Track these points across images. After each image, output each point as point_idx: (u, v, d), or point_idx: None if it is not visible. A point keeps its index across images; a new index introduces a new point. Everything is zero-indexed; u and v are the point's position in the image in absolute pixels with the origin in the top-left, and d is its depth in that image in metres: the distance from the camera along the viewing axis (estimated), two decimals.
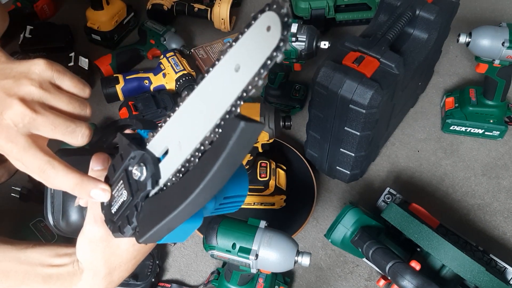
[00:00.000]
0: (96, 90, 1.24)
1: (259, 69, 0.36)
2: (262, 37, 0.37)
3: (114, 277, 0.53)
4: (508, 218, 1.03)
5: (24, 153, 0.45)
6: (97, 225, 0.50)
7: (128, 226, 0.45)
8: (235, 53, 0.39)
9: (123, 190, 0.47)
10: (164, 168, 0.44)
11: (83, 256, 0.52)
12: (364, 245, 0.84)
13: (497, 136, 1.13)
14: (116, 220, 0.47)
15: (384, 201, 1.00)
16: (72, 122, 0.46)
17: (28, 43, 1.26)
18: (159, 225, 0.42)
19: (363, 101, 0.87)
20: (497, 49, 0.98)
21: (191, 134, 0.41)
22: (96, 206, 0.50)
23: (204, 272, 0.97)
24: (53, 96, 0.46)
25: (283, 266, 0.73)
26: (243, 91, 0.37)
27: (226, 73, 0.40)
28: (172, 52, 1.21)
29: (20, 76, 0.46)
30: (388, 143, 1.15)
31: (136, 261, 0.54)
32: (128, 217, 0.46)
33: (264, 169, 0.99)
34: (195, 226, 0.47)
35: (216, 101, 0.40)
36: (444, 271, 0.83)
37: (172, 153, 0.44)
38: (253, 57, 0.37)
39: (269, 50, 0.36)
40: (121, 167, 0.47)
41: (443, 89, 1.25)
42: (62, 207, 0.56)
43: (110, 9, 1.29)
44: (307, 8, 1.30)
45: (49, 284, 0.54)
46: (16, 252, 0.56)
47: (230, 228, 0.75)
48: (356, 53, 0.91)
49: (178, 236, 0.46)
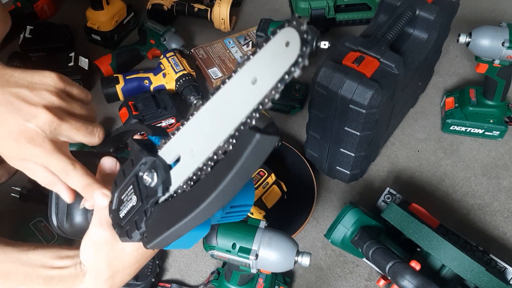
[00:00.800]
0: (96, 90, 1.24)
1: (277, 83, 0.37)
2: (281, 52, 0.37)
3: (116, 281, 0.53)
4: (508, 218, 1.03)
5: (50, 156, 0.50)
6: (102, 228, 0.50)
7: (136, 231, 0.45)
8: (253, 66, 0.39)
9: (132, 195, 0.47)
10: (175, 175, 0.44)
11: (87, 258, 0.52)
12: (364, 245, 0.84)
13: (497, 136, 1.13)
14: (124, 225, 0.47)
15: (384, 201, 1.00)
16: (89, 124, 0.53)
17: (28, 43, 1.26)
18: (167, 232, 0.42)
19: (363, 101, 0.87)
20: (497, 49, 0.98)
21: (204, 143, 0.41)
22: (102, 209, 0.50)
23: (204, 272, 0.97)
24: (69, 104, 0.52)
25: (283, 266, 0.73)
26: (259, 104, 0.38)
27: (242, 85, 0.40)
28: (172, 52, 1.21)
29: (36, 87, 0.51)
30: (388, 143, 1.15)
31: (139, 265, 0.54)
32: (137, 222, 0.46)
33: (258, 178, 0.97)
34: (203, 234, 0.47)
35: (232, 112, 0.40)
36: (444, 271, 0.83)
37: (184, 160, 0.44)
38: (271, 71, 0.37)
39: (288, 65, 0.36)
40: (132, 172, 0.47)
41: (443, 89, 1.25)
42: (66, 209, 0.56)
43: (110, 9, 1.29)
44: (307, 8, 1.30)
45: (50, 285, 0.54)
46: (18, 254, 0.56)
47: (230, 228, 0.75)
48: (356, 53, 0.91)
49: (184, 243, 0.46)
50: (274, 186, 0.99)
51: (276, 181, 1.00)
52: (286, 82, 0.37)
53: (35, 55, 1.26)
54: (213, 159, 0.40)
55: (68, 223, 0.56)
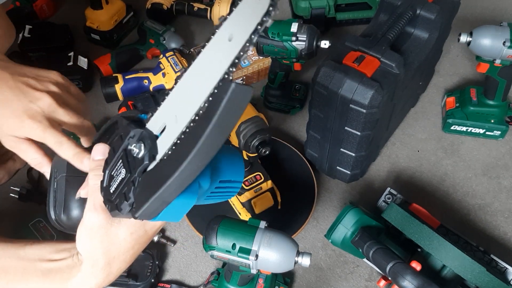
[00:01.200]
0: (96, 89, 1.24)
1: (251, 35, 0.39)
2: (254, 5, 0.40)
3: (113, 269, 0.53)
4: (509, 218, 1.03)
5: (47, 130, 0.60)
6: (96, 212, 0.51)
7: (125, 202, 0.45)
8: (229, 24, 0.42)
9: (121, 169, 0.47)
10: (161, 143, 0.44)
11: (82, 246, 0.53)
12: (364, 246, 0.84)
13: (498, 136, 1.13)
14: (114, 199, 0.47)
15: (385, 201, 1.00)
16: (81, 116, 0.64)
17: (27, 43, 1.25)
18: (154, 196, 0.41)
19: (364, 101, 0.86)
20: (498, 48, 0.97)
21: (186, 106, 0.42)
22: (96, 193, 0.51)
23: (204, 273, 0.97)
24: (68, 96, 0.64)
25: (283, 267, 0.73)
26: (235, 58, 0.40)
27: (220, 45, 0.42)
28: (172, 51, 1.21)
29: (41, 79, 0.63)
30: (389, 143, 1.14)
31: (134, 252, 0.54)
32: (125, 193, 0.45)
33: (253, 181, 0.96)
34: (190, 202, 0.47)
35: (210, 71, 0.41)
36: (444, 272, 0.83)
37: (168, 128, 0.44)
38: (246, 25, 0.40)
39: (260, 16, 0.38)
40: (121, 148, 0.48)
41: (444, 88, 1.24)
42: (64, 201, 0.57)
43: (109, 9, 1.28)
44: (307, 8, 1.30)
45: (48, 278, 0.54)
46: (15, 250, 0.56)
47: (230, 228, 0.74)
48: (356, 53, 0.91)
49: (173, 214, 0.46)
50: (267, 193, 0.98)
51: (272, 189, 0.99)
52: (259, 32, 0.39)
53: (34, 54, 1.26)
54: (195, 120, 0.40)
55: (65, 215, 0.57)
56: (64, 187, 0.58)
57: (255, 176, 0.96)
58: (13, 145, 0.62)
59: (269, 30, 1.01)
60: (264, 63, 1.23)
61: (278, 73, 1.12)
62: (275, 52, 1.04)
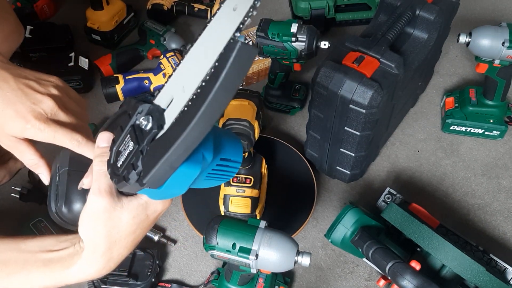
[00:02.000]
0: (96, 90, 1.24)
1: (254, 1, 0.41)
2: None
3: (114, 254, 0.54)
4: (508, 218, 1.03)
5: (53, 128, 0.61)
6: (101, 195, 0.51)
7: (133, 172, 0.45)
8: None
9: (129, 143, 0.47)
10: (168, 114, 0.45)
11: (84, 230, 0.53)
12: (364, 245, 0.84)
13: (497, 136, 1.13)
14: (121, 172, 0.47)
15: (384, 201, 1.00)
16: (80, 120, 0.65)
17: (28, 43, 1.25)
18: (162, 160, 0.42)
19: (363, 101, 0.87)
20: (497, 49, 0.98)
21: (194, 75, 0.42)
22: (101, 178, 0.51)
23: (204, 272, 0.97)
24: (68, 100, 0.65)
25: (283, 266, 0.73)
26: (240, 23, 0.41)
27: (225, 15, 0.43)
28: (172, 52, 1.21)
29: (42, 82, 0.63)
30: (388, 143, 1.15)
31: (135, 237, 0.54)
32: (133, 163, 0.46)
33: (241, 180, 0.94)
34: (194, 172, 0.47)
35: (217, 39, 0.42)
36: (444, 271, 0.83)
37: (176, 99, 0.45)
38: None
39: None
40: (129, 124, 0.48)
41: (443, 89, 1.25)
42: (65, 194, 0.57)
43: (110, 9, 1.28)
44: (307, 8, 1.30)
45: (48, 267, 0.55)
46: (16, 243, 0.57)
47: (230, 228, 0.75)
48: (356, 53, 0.91)
49: (178, 183, 0.47)
50: (247, 200, 0.93)
51: (256, 199, 0.94)
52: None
53: (35, 55, 1.26)
54: (201, 87, 0.41)
55: (66, 208, 0.57)
56: (66, 180, 0.58)
57: (246, 178, 0.94)
58: (11, 145, 0.62)
59: (269, 30, 1.01)
60: (264, 63, 1.23)
61: (278, 73, 1.12)
62: (275, 53, 1.04)
